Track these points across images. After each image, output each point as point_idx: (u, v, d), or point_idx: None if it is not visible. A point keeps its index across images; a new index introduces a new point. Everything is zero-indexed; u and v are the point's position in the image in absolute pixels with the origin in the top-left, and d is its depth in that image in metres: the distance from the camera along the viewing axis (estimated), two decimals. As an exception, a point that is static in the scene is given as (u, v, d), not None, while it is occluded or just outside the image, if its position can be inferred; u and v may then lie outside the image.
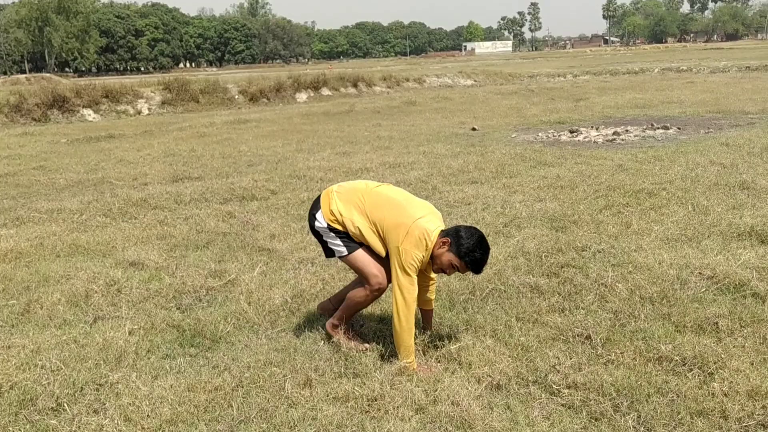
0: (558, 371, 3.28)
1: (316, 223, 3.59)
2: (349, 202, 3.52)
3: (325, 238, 3.60)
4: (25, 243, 5.99)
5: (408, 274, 3.27)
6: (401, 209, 3.40)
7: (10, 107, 19.86)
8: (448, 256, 3.30)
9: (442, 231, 3.36)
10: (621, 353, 3.43)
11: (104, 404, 3.13)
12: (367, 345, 3.63)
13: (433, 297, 3.74)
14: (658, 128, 12.08)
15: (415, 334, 3.43)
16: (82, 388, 3.29)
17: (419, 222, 3.31)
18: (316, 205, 3.63)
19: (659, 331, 3.65)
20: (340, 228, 3.52)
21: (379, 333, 3.84)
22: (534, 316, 3.96)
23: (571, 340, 3.64)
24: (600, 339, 3.59)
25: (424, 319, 3.80)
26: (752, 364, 3.24)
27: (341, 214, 3.50)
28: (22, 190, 8.93)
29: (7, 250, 5.74)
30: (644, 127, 12.36)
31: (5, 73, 76.91)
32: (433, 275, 3.65)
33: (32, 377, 3.37)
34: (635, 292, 4.18)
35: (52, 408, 3.12)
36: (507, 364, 3.37)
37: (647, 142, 10.64)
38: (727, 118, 13.25)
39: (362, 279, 3.58)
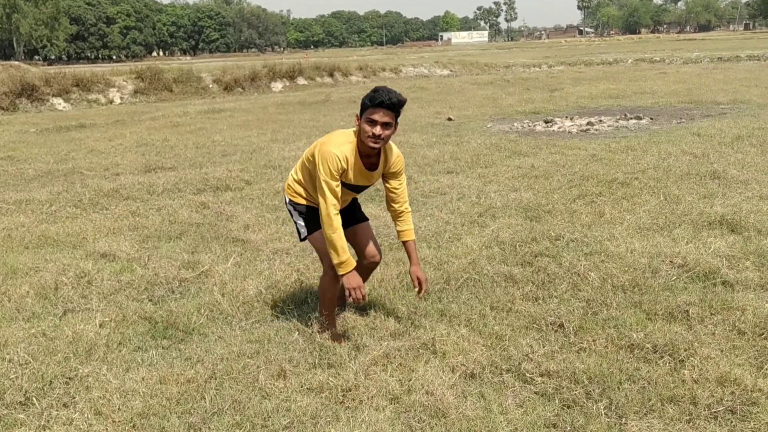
0: (531, 359, 3.30)
1: (286, 204, 3.74)
2: (298, 167, 3.68)
3: (293, 219, 3.72)
4: (-7, 235, 5.86)
5: (325, 178, 3.31)
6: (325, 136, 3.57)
7: (-23, 96, 19.41)
8: (362, 118, 3.33)
9: None
10: (593, 341, 3.46)
11: (74, 398, 3.08)
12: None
13: (408, 227, 3.65)
14: (631, 118, 12.20)
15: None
16: (51, 381, 3.23)
17: (337, 130, 3.51)
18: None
19: (631, 319, 3.69)
20: (301, 201, 3.63)
21: (353, 322, 3.82)
22: (508, 305, 3.97)
23: (544, 328, 3.66)
24: (572, 327, 3.62)
25: (408, 253, 3.70)
26: (722, 351, 3.29)
27: (295, 182, 3.65)
28: (-10, 181, 8.73)
29: (-26, 242, 5.62)
30: (617, 117, 12.47)
31: (-28, 61, 75.13)
32: (402, 206, 3.62)
33: (-1, 371, 3.31)
34: (607, 280, 4.22)
35: (20, 402, 3.06)
36: (481, 353, 3.38)
37: (620, 132, 10.74)
38: (699, 109, 13.43)
39: (321, 261, 3.67)
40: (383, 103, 3.23)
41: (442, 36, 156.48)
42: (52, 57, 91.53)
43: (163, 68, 24.33)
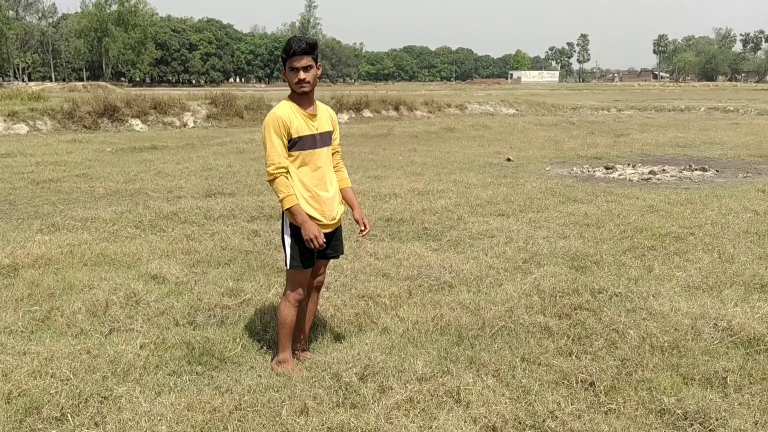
0: (556, 417, 3.25)
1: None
2: None
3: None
4: (56, 250, 6.19)
5: (271, 137, 3.57)
6: None
7: (63, 114, 20.59)
8: (285, 69, 3.58)
9: None
10: (623, 403, 3.38)
11: (105, 417, 3.22)
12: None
13: (347, 176, 3.96)
14: (696, 169, 11.87)
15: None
16: (87, 399, 3.38)
17: None
18: None
19: (665, 382, 3.59)
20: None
21: (382, 363, 3.84)
22: (540, 358, 3.92)
23: (574, 385, 3.60)
24: (604, 387, 3.54)
25: (349, 199, 3.94)
26: (756, 423, 3.16)
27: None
28: (63, 197, 9.24)
29: (38, 256, 5.95)
30: (682, 167, 12.16)
31: (64, 80, 79.98)
32: (338, 157, 3.89)
33: (41, 385, 3.48)
34: (646, 339, 4.11)
35: (56, 418, 3.22)
36: (505, 406, 3.35)
37: (683, 183, 10.47)
38: (770, 163, 12.95)
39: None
40: (296, 51, 3.49)
41: (512, 74, 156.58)
42: (137, 79, 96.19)
43: (236, 95, 25.21)
